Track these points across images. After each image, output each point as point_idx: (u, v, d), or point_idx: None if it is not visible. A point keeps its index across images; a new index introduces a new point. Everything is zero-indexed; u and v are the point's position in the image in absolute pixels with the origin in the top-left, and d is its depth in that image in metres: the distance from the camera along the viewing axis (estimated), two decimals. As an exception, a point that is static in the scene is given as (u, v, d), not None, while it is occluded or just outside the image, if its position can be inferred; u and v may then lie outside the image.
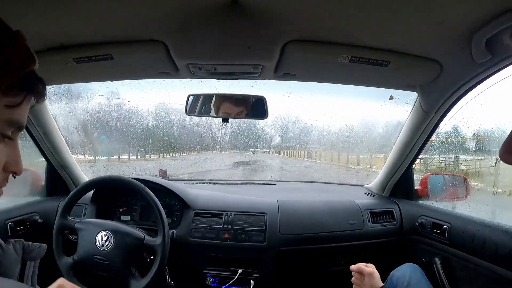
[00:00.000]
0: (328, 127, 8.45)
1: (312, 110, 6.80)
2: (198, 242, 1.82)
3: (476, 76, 1.32)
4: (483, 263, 1.39)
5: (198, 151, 8.60)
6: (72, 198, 1.65)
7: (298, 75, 1.51)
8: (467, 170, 2.50)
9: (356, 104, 3.14)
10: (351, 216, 1.92)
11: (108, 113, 4.99)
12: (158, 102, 8.15)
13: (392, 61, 1.29)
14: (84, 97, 3.04)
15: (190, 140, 8.69)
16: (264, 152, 8.50)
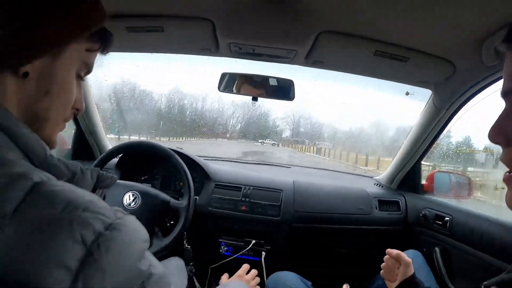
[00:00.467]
0: (339, 125, 8.48)
1: (332, 99, 6.78)
2: (216, 212, 1.92)
3: (486, 78, 1.42)
4: (480, 254, 1.47)
5: (208, 137, 8.64)
6: (103, 159, 1.75)
7: (326, 63, 1.61)
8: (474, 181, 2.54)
9: (373, 96, 3.20)
10: (360, 202, 2.02)
11: (122, 93, 5.01)
12: (173, 86, 8.21)
13: (411, 57, 1.39)
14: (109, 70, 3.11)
15: (201, 126, 8.73)
16: (273, 144, 8.48)
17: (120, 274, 0.49)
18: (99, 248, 0.47)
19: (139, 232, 0.56)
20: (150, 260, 0.56)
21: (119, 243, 0.50)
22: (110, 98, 3.66)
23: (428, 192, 2.10)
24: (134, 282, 0.51)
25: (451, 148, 2.30)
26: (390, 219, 2.02)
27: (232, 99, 9.16)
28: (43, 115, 0.63)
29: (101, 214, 0.51)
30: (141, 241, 0.55)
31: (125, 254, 0.51)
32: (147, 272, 0.53)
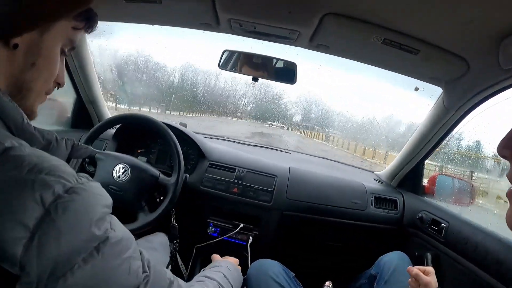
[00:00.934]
0: (350, 115, 8.39)
1: (338, 87, 6.72)
2: (207, 191, 1.90)
3: (501, 82, 1.32)
4: (472, 267, 1.43)
5: (218, 115, 8.61)
6: (97, 129, 1.70)
7: (332, 48, 1.53)
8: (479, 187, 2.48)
9: (381, 89, 3.13)
10: (356, 196, 1.97)
11: (136, 64, 5.02)
12: (186, 61, 8.16)
13: (422, 50, 1.30)
14: (120, 40, 3.07)
15: (212, 103, 8.69)
16: (281, 127, 8.45)
17: (75, 235, 0.53)
18: (56, 209, 0.51)
19: (99, 197, 0.59)
20: (110, 224, 0.59)
21: (77, 206, 0.54)
22: (123, 70, 3.64)
23: (428, 194, 2.05)
24: (89, 244, 0.54)
25: (461, 150, 2.22)
26: (385, 217, 1.96)
27: (245, 79, 9.18)
28: (28, 85, 0.66)
29: (63, 178, 0.54)
30: (101, 206, 0.58)
31: (81, 216, 0.54)
32: (103, 235, 0.56)
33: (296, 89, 12.61)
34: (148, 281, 0.64)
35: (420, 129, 1.87)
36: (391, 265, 1.50)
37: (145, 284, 0.63)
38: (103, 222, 0.58)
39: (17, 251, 0.48)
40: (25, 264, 0.49)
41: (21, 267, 0.49)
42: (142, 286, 0.63)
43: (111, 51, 2.70)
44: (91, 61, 1.99)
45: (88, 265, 0.53)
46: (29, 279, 0.49)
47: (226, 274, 1.12)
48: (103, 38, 2.27)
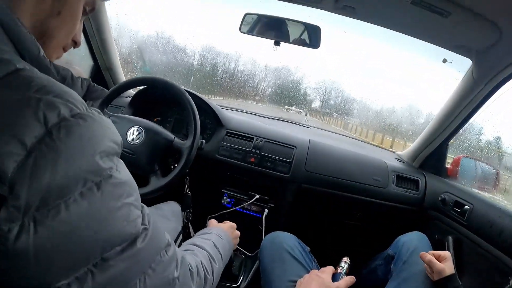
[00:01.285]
0: (371, 103, 8.27)
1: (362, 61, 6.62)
2: (223, 160, 1.87)
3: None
4: (496, 252, 1.37)
5: (236, 98, 8.60)
6: (113, 91, 1.67)
7: (358, 10, 1.46)
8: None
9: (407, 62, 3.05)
10: (377, 173, 1.92)
11: (156, 46, 5.01)
12: (206, 43, 8.15)
13: (453, 13, 1.23)
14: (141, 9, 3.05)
15: (231, 86, 8.68)
16: (298, 113, 8.38)
17: (75, 162, 0.50)
18: (59, 130, 0.49)
19: (108, 130, 0.57)
20: (116, 165, 0.57)
21: (82, 131, 0.51)
22: (143, 43, 3.63)
23: (451, 176, 1.99)
24: (89, 177, 0.51)
25: (481, 145, 2.14)
26: (406, 197, 1.91)
27: (266, 63, 9.18)
28: (51, 32, 0.66)
29: (71, 103, 0.52)
30: (108, 140, 0.56)
31: (86, 143, 0.52)
32: (107, 171, 0.54)
33: (315, 74, 12.47)
34: (147, 235, 0.61)
35: (446, 106, 1.79)
36: (410, 246, 1.45)
37: (143, 237, 0.60)
38: (109, 157, 0.55)
39: (8, 167, 0.45)
40: (15, 184, 0.45)
41: (10, 187, 0.45)
42: (140, 239, 0.60)
43: (131, 18, 2.66)
44: (109, 26, 1.97)
45: (85, 200, 0.50)
46: (17, 202, 0.45)
47: (216, 242, 1.10)
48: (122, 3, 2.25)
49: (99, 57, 2.08)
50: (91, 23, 1.86)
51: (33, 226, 0.46)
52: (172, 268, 0.70)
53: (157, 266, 0.64)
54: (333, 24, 1.77)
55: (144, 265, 0.62)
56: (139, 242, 0.59)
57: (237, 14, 1.68)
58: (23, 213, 0.46)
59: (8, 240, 0.45)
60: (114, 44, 2.09)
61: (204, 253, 0.98)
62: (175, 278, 0.70)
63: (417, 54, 5.20)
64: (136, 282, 0.59)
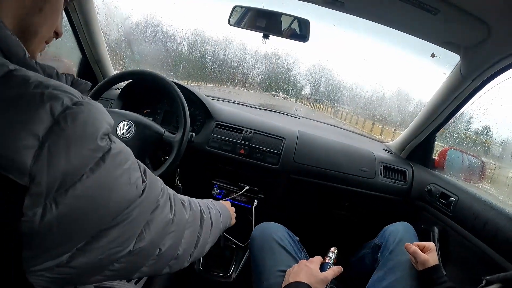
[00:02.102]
0: (360, 90, 8.25)
1: (351, 51, 6.62)
2: (213, 152, 1.88)
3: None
4: (480, 243, 1.40)
5: (226, 84, 8.54)
6: (102, 86, 1.67)
7: (347, 5, 1.46)
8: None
9: (395, 56, 3.07)
10: (364, 164, 1.95)
11: (144, 31, 4.93)
12: (196, 29, 8.03)
13: (442, 10, 1.24)
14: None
15: (221, 73, 8.60)
16: (285, 98, 8.37)
17: (84, 144, 0.54)
18: (66, 118, 0.53)
19: (104, 113, 0.61)
20: (112, 138, 0.62)
21: (85, 117, 0.56)
22: (131, 36, 3.59)
23: (438, 168, 2.03)
24: (95, 154, 0.56)
25: (470, 134, 2.17)
26: (393, 188, 1.94)
27: (256, 49, 9.04)
28: (33, 29, 0.68)
29: (69, 94, 0.56)
30: (105, 121, 0.60)
31: (89, 127, 0.56)
32: (106, 146, 0.58)
33: (306, 61, 12.41)
34: (145, 188, 0.67)
35: (434, 99, 1.82)
36: (397, 236, 1.48)
37: (142, 191, 0.66)
38: (106, 135, 0.60)
39: (26, 160, 0.49)
40: (36, 173, 0.49)
41: (30, 177, 0.49)
42: (141, 195, 0.66)
43: (119, 10, 2.62)
44: (96, 18, 1.96)
45: (95, 174, 0.55)
46: (39, 189, 0.49)
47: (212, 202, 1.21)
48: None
49: (87, 50, 2.06)
50: (78, 16, 1.84)
51: (55, 206, 0.51)
52: (168, 208, 0.77)
53: (156, 210, 0.72)
54: (323, 18, 1.77)
55: (147, 213, 0.69)
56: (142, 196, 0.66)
57: (228, 4, 1.67)
58: (44, 197, 0.50)
59: (34, 223, 0.49)
60: (102, 37, 2.07)
61: (199, 200, 1.07)
62: (172, 216, 0.79)
63: (406, 47, 5.16)
64: (141, 229, 0.68)
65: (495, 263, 1.29)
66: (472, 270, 1.44)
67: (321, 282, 1.21)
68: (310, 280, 1.19)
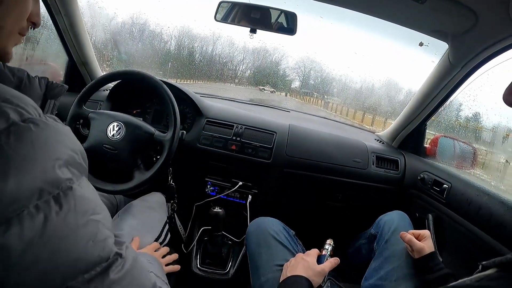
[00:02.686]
0: (350, 81, 8.27)
1: (339, 44, 6.63)
2: (205, 149, 1.87)
3: (511, 37, 1.28)
4: (474, 228, 1.41)
5: (215, 81, 8.52)
6: (89, 88, 1.64)
7: None
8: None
9: (384, 47, 3.07)
10: (357, 155, 1.96)
11: (131, 31, 4.89)
12: (183, 26, 7.99)
13: None
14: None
15: (209, 70, 8.57)
16: (272, 92, 8.39)
17: (28, 170, 0.45)
18: (8, 136, 0.44)
19: (65, 137, 0.53)
20: (78, 178, 0.52)
21: (35, 137, 0.47)
22: (118, 36, 3.56)
23: (430, 156, 2.04)
24: (45, 188, 0.46)
25: (460, 121, 2.19)
26: (386, 177, 1.95)
27: (243, 44, 9.04)
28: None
29: (22, 108, 0.48)
30: (65, 147, 0.51)
31: (39, 150, 0.47)
32: (66, 183, 0.48)
33: (294, 54, 12.42)
34: (123, 266, 0.53)
35: (424, 88, 1.83)
36: (392, 225, 1.49)
37: (118, 267, 0.52)
38: (68, 168, 0.50)
39: None
40: None
41: None
42: (113, 268, 0.52)
43: (105, 10, 2.60)
44: (81, 20, 1.93)
45: (40, 214, 0.44)
46: None
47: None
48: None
49: (73, 52, 2.03)
50: (63, 18, 1.81)
51: None
52: None
53: None
54: (309, 10, 1.76)
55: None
56: (113, 273, 0.51)
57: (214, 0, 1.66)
58: None
59: None
60: (89, 38, 2.05)
61: None
62: None
63: (394, 37, 5.19)
64: None
65: (490, 247, 1.29)
66: (467, 256, 1.45)
67: (318, 274, 1.22)
68: (307, 273, 1.19)
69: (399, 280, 1.29)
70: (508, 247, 1.21)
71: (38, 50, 2.03)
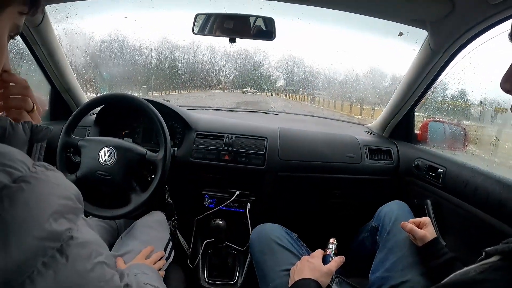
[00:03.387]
0: (334, 74, 8.30)
1: (320, 42, 6.61)
2: (198, 162, 1.86)
3: (489, 18, 1.28)
4: (473, 209, 1.41)
5: (201, 89, 8.49)
6: (76, 116, 1.64)
7: None
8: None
9: (364, 40, 3.09)
10: (349, 150, 1.96)
11: (111, 49, 4.87)
12: (162, 38, 7.96)
13: None
14: (90, 23, 2.96)
15: (193, 78, 8.55)
16: (253, 93, 8.41)
17: (27, 231, 0.45)
18: (2, 201, 0.44)
19: (56, 187, 0.52)
20: (76, 224, 0.52)
21: (26, 197, 0.46)
22: (98, 56, 3.53)
23: (421, 141, 2.05)
24: (48, 244, 0.46)
25: (446, 100, 2.21)
26: (381, 168, 1.96)
27: (224, 49, 9.09)
28: None
29: (10, 167, 0.47)
30: (58, 197, 0.51)
31: (34, 209, 0.47)
32: (66, 234, 0.49)
33: (275, 54, 12.35)
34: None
35: (408, 76, 1.83)
36: (392, 216, 1.49)
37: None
38: (64, 218, 0.50)
39: None
40: None
41: None
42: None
43: (82, 35, 2.58)
44: (60, 47, 1.91)
45: (50, 270, 0.45)
46: None
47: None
48: (70, 22, 2.19)
49: (55, 80, 2.01)
50: (41, 48, 1.80)
51: None
52: None
53: None
54: (286, 14, 1.77)
55: None
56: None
57: (191, 12, 1.66)
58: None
59: None
60: (69, 65, 2.03)
61: None
62: None
63: (373, 30, 5.22)
64: None
65: (491, 226, 1.30)
66: (470, 237, 1.46)
67: (326, 275, 1.22)
68: (315, 274, 1.20)
69: (406, 269, 1.29)
70: (509, 224, 1.22)
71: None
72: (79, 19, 2.25)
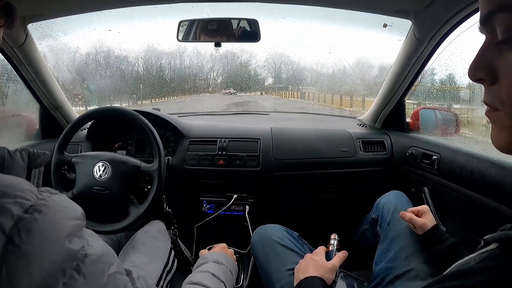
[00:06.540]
0: (322, 68, 8.32)
1: (305, 39, 6.63)
2: (193, 169, 1.86)
3: (471, 5, 1.29)
4: (470, 193, 1.42)
5: (190, 94, 8.47)
6: (67, 133, 1.62)
7: None
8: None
9: (349, 34, 3.10)
10: (343, 144, 1.97)
11: (97, 61, 4.85)
12: (147, 45, 7.93)
13: None
14: (73, 38, 2.95)
15: (181, 84, 8.53)
16: (232, 93, 8.44)
17: (47, 258, 0.46)
18: (19, 233, 0.45)
19: (65, 210, 0.53)
20: (86, 240, 0.54)
21: (41, 225, 0.48)
22: (84, 70, 3.51)
23: (413, 130, 2.06)
24: (66, 265, 0.48)
25: (435, 85, 2.22)
26: (375, 159, 1.97)
27: (210, 51, 9.11)
28: None
29: (20, 198, 0.48)
30: (69, 219, 0.52)
31: (49, 235, 0.48)
32: (80, 252, 0.50)
33: (261, 52, 12.31)
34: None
35: (395, 67, 1.84)
36: (390, 206, 1.50)
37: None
38: (77, 237, 0.52)
39: None
40: None
41: None
42: None
43: (66, 50, 2.56)
44: (45, 65, 1.89)
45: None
46: None
47: (214, 271, 1.12)
48: (54, 38, 2.17)
49: (44, 98, 1.99)
50: (27, 68, 1.77)
51: None
52: None
53: None
54: (269, 14, 1.77)
55: None
56: None
57: (174, 19, 1.65)
58: None
59: None
60: (56, 82, 2.00)
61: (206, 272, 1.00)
62: None
63: (357, 24, 5.22)
64: None
65: (489, 208, 1.31)
66: (469, 221, 1.47)
67: (330, 271, 1.22)
68: (319, 272, 1.20)
69: (409, 258, 1.30)
70: (506, 205, 1.23)
71: (8, 104, 1.99)
72: (63, 34, 2.24)
